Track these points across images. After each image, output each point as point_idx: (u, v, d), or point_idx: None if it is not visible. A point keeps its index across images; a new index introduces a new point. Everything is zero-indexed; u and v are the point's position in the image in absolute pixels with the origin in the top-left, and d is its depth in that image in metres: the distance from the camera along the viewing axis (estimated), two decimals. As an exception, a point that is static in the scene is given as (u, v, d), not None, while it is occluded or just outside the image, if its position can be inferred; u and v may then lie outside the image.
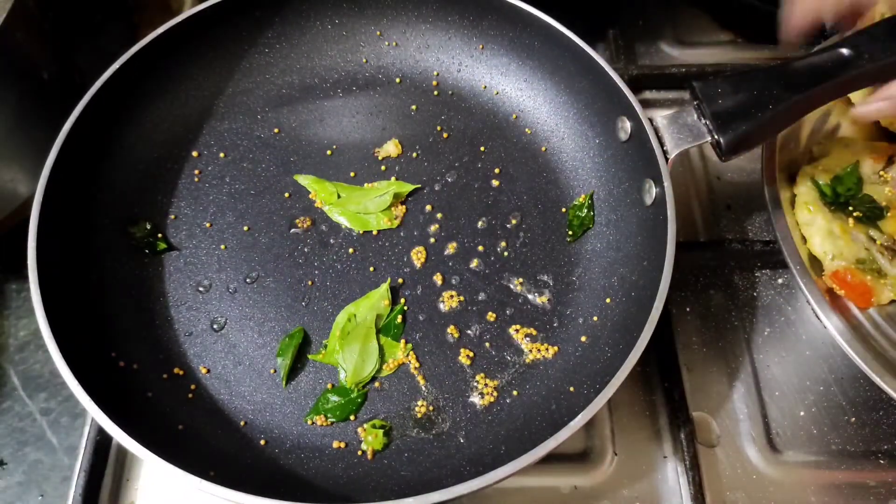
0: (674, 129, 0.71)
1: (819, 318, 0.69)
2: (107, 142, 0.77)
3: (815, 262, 0.74)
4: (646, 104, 0.98)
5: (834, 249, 0.74)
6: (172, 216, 0.78)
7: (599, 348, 0.70)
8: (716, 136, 0.68)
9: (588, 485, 0.71)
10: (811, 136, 0.85)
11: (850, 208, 0.77)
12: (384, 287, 0.74)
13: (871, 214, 0.77)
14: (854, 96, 0.83)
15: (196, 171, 0.81)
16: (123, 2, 1.01)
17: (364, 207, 0.79)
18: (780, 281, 0.83)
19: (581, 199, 0.79)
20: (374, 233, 0.78)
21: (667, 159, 0.70)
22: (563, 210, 0.80)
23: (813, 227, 0.76)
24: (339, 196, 0.80)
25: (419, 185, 0.81)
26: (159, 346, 0.71)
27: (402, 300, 0.75)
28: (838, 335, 0.68)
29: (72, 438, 0.73)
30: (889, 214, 0.77)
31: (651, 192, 0.71)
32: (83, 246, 0.72)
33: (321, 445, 0.67)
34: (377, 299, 0.73)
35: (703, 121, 0.69)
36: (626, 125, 0.75)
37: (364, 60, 0.88)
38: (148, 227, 0.76)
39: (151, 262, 0.75)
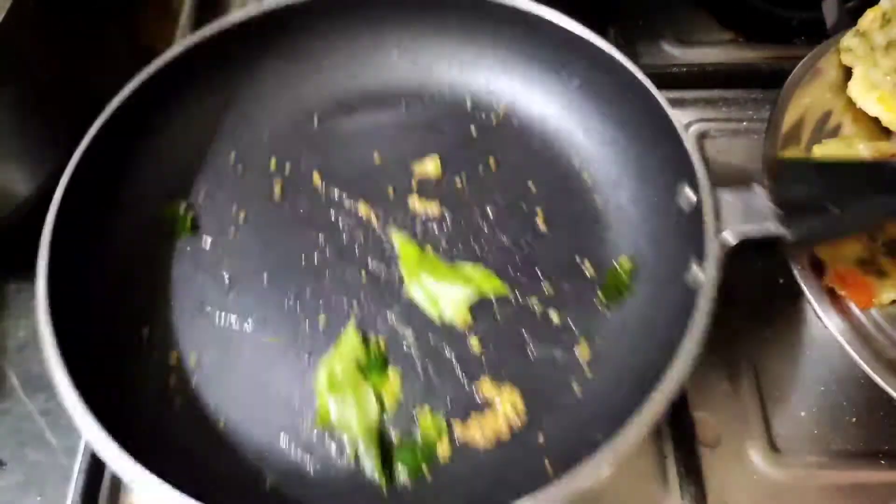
0: (738, 210, 0.63)
1: (820, 319, 0.69)
2: (150, 125, 0.77)
3: (817, 262, 0.74)
4: (646, 104, 0.98)
5: (835, 250, 0.74)
6: (207, 202, 0.79)
7: (594, 433, 0.61)
8: (784, 228, 0.61)
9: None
10: (813, 136, 0.84)
11: (852, 208, 0.77)
12: (351, 331, 0.71)
13: (873, 214, 0.77)
14: (854, 94, 0.83)
15: (239, 165, 0.81)
16: (124, 1, 1.01)
17: (438, 295, 0.73)
18: (780, 281, 0.83)
19: (624, 263, 0.74)
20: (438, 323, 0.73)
21: (722, 243, 0.62)
22: (602, 271, 0.74)
23: (814, 226, 0.75)
24: (421, 265, 0.75)
25: (506, 293, 0.73)
26: (160, 326, 0.71)
27: (375, 337, 0.72)
28: (839, 335, 0.68)
29: (71, 439, 0.73)
30: (890, 214, 0.77)
31: (697, 277, 0.63)
32: (106, 220, 0.73)
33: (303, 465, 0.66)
34: (349, 346, 0.70)
35: (773, 206, 0.62)
36: (689, 196, 0.67)
37: (434, 77, 0.85)
38: (182, 208, 0.77)
39: (174, 244, 0.76)
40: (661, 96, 0.72)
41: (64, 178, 0.68)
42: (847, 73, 0.85)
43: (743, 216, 0.63)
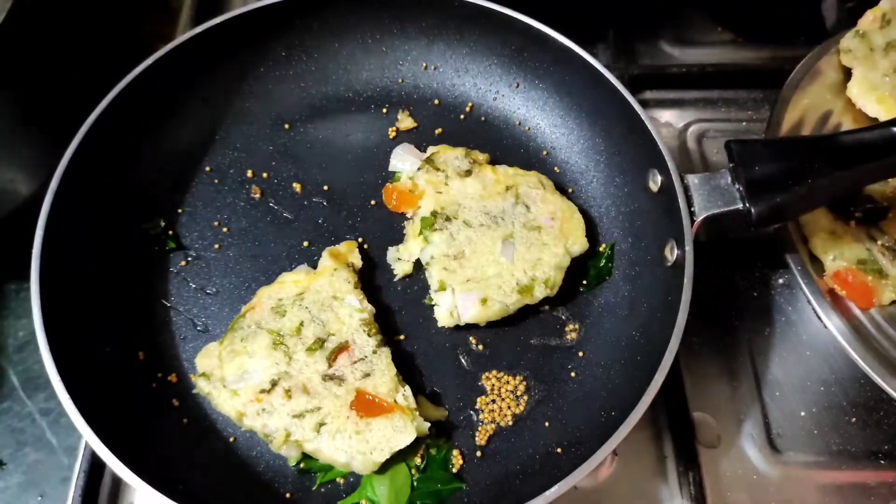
0: (705, 190, 0.67)
1: (820, 319, 0.69)
2: (131, 138, 0.76)
3: (816, 263, 0.74)
4: (646, 104, 0.98)
5: (835, 250, 0.74)
6: (186, 216, 0.78)
7: (594, 411, 0.67)
8: (747, 205, 0.65)
9: (588, 485, 0.71)
10: (812, 136, 0.84)
11: (852, 209, 0.77)
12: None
13: (872, 215, 0.77)
14: (853, 95, 0.83)
15: (215, 175, 0.80)
16: (123, 2, 1.01)
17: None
18: (780, 281, 0.83)
19: (601, 249, 0.77)
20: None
21: (692, 221, 0.66)
22: (582, 258, 0.76)
23: (814, 226, 0.75)
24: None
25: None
26: (155, 346, 0.71)
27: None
28: (839, 335, 0.68)
29: (71, 438, 0.73)
30: (890, 215, 0.77)
31: (672, 253, 0.68)
32: (92, 238, 0.72)
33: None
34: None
35: (737, 186, 0.66)
36: (657, 178, 0.71)
37: (401, 80, 0.86)
38: (162, 224, 0.76)
39: (159, 260, 0.75)
40: (624, 89, 0.75)
41: (50, 188, 0.67)
42: (847, 73, 0.85)
43: (710, 197, 0.67)
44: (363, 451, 0.62)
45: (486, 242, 0.73)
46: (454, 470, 0.66)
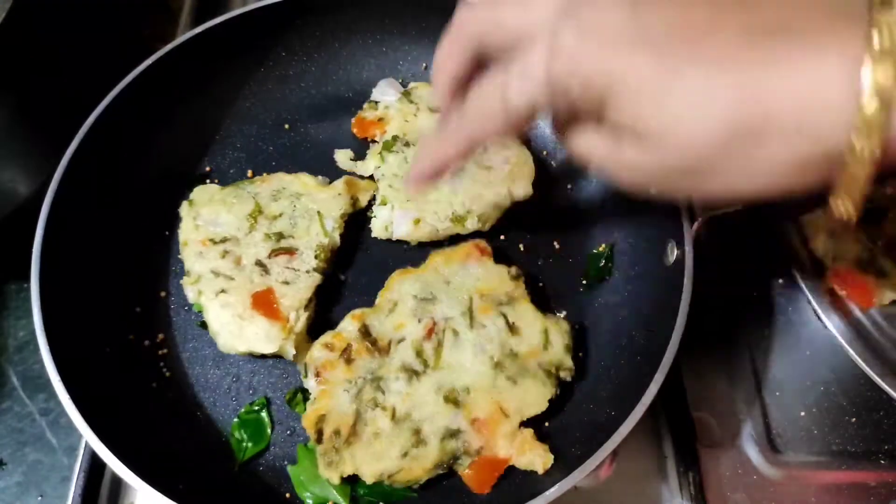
0: None
1: (820, 319, 0.69)
2: (131, 137, 0.76)
3: (817, 262, 0.74)
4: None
5: (835, 249, 0.74)
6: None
7: (594, 411, 0.67)
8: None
9: (588, 485, 0.71)
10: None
11: (851, 208, 0.77)
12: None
13: (872, 215, 0.77)
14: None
15: (215, 175, 0.81)
16: (123, 2, 1.01)
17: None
18: (780, 281, 0.83)
19: (601, 248, 0.77)
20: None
21: (692, 221, 0.66)
22: (583, 257, 0.77)
23: (814, 227, 0.75)
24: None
25: None
26: (157, 338, 0.72)
27: None
28: (839, 335, 0.68)
29: (71, 438, 0.73)
30: (890, 215, 0.77)
31: (672, 253, 0.68)
32: (92, 238, 0.72)
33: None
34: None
35: None
36: None
37: (401, 80, 0.86)
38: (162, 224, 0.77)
39: (160, 260, 0.76)
40: None
41: (50, 188, 0.68)
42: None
43: None
44: (233, 332, 0.68)
45: None
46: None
